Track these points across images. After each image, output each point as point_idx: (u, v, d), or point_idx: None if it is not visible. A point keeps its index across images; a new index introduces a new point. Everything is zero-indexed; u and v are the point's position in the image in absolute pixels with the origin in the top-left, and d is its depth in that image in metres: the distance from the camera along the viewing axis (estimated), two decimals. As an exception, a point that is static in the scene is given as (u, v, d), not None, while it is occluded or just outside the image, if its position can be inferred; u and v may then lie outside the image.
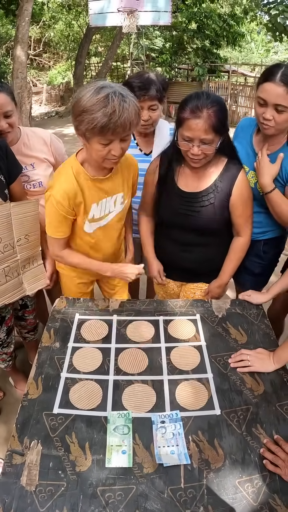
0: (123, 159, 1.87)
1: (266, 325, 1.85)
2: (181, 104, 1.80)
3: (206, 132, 1.74)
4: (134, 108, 1.53)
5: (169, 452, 1.32)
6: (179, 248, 2.11)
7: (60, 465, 1.28)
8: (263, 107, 1.86)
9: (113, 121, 1.47)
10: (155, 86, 2.10)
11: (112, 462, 1.30)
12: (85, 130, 1.54)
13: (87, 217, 1.87)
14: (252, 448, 1.34)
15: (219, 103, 1.76)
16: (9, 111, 2.01)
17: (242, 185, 1.94)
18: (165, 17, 11.59)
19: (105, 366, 1.64)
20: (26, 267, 2.11)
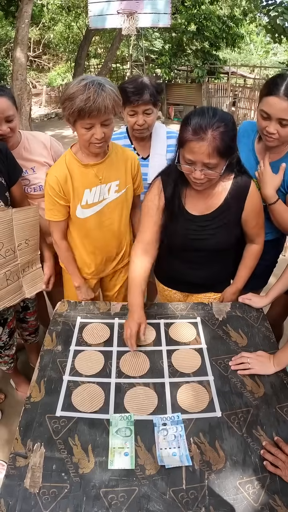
0: (120, 151, 2.05)
1: (266, 328, 1.86)
2: (183, 122, 1.65)
3: (210, 156, 1.59)
4: (110, 95, 1.70)
5: (170, 454, 1.33)
6: (188, 266, 2.04)
7: (63, 467, 1.30)
8: (266, 120, 1.82)
9: (88, 105, 1.66)
10: (148, 91, 2.11)
11: (115, 464, 1.31)
12: (68, 115, 1.75)
13: (80, 203, 2.00)
14: (252, 450, 1.35)
15: (226, 122, 1.59)
16: (11, 116, 2.03)
17: (254, 198, 1.86)
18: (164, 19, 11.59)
19: (107, 369, 1.66)
20: (26, 270, 2.14)
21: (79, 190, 1.97)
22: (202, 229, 1.88)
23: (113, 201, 2.06)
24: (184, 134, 1.61)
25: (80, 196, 1.98)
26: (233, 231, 1.92)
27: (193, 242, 1.91)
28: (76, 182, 1.96)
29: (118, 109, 1.79)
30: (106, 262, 2.27)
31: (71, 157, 1.96)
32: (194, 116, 1.61)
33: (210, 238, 1.89)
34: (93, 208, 2.03)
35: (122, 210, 2.13)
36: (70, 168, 1.94)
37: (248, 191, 1.84)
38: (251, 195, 1.84)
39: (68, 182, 1.94)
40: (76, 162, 1.95)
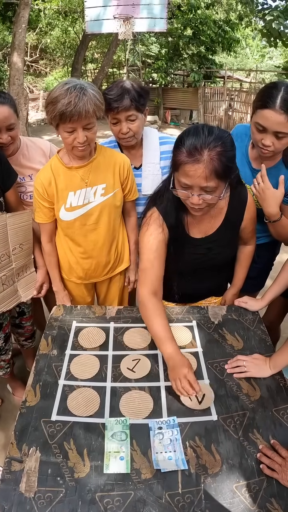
0: (108, 154, 2.04)
1: (262, 331, 1.86)
2: (176, 143, 1.52)
3: (208, 179, 1.46)
4: (92, 99, 1.73)
5: (166, 458, 1.33)
6: (195, 282, 1.99)
7: (59, 472, 1.29)
8: (262, 133, 1.78)
9: (69, 110, 1.69)
10: (129, 95, 1.99)
11: (110, 468, 1.30)
12: (50, 118, 1.79)
13: (65, 205, 2.01)
14: (249, 453, 1.35)
15: (224, 140, 1.47)
16: (12, 124, 2.04)
17: (251, 208, 1.83)
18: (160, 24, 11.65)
19: (102, 373, 1.65)
20: (20, 274, 2.17)
21: (64, 193, 2.00)
22: (208, 251, 1.84)
23: (99, 205, 2.04)
24: (178, 156, 1.48)
25: (64, 198, 2.00)
26: (236, 242, 1.94)
27: (201, 264, 1.88)
28: (60, 184, 1.98)
29: (100, 113, 1.81)
30: (96, 267, 2.23)
31: (57, 161, 1.99)
32: (187, 136, 1.48)
33: (216, 257, 1.87)
34: (77, 211, 2.03)
35: (109, 214, 2.09)
36: (54, 171, 1.98)
37: (247, 202, 1.80)
38: (249, 206, 1.82)
39: (52, 185, 1.98)
40: (61, 165, 1.98)
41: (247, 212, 1.82)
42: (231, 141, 1.52)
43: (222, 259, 1.91)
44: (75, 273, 2.26)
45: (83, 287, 2.36)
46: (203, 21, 15.60)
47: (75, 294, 2.38)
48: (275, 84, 1.74)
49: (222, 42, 16.67)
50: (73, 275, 2.27)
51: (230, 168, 1.51)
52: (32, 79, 24.66)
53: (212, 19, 16.06)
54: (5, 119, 1.99)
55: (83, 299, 2.43)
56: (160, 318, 1.67)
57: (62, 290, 2.29)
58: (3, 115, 1.97)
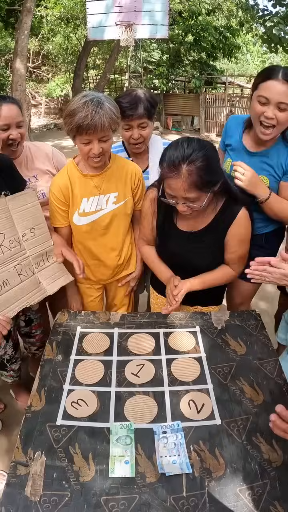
0: (121, 164, 2.11)
1: (264, 336, 1.87)
2: (161, 157, 1.64)
3: (188, 191, 1.59)
4: (108, 113, 1.78)
5: (171, 462, 1.34)
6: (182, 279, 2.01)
7: (64, 476, 1.30)
8: (264, 105, 1.82)
9: (85, 123, 1.75)
10: (142, 104, 2.12)
11: (115, 472, 1.31)
12: (68, 130, 1.86)
13: (78, 210, 2.09)
14: (252, 457, 1.35)
15: (203, 153, 1.54)
16: (21, 122, 2.13)
17: (240, 226, 1.84)
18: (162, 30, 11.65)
19: (107, 378, 1.67)
20: (40, 264, 2.03)
21: (78, 199, 2.07)
22: (191, 246, 1.93)
23: (111, 212, 2.12)
24: (162, 170, 1.63)
25: (78, 204, 2.08)
26: (216, 253, 1.94)
27: (182, 258, 1.96)
28: (75, 190, 2.06)
29: (115, 126, 1.87)
30: (104, 271, 2.31)
31: (73, 167, 2.07)
32: (168, 150, 1.60)
33: (194, 257, 1.93)
34: (89, 217, 2.10)
35: (120, 221, 2.18)
36: (71, 177, 2.05)
37: (235, 218, 1.82)
38: (237, 221, 1.83)
39: (68, 189, 2.06)
40: (76, 171, 2.06)
41: (233, 226, 1.84)
42: (212, 152, 1.61)
43: (201, 260, 1.95)
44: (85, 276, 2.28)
45: (93, 291, 2.42)
46: (204, 28, 15.65)
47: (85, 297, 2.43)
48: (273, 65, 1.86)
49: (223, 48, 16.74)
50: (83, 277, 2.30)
51: (210, 180, 1.61)
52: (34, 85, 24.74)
53: (213, 25, 16.12)
54: (15, 115, 2.09)
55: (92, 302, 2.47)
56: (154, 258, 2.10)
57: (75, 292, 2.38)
58: (13, 111, 2.08)
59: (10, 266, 1.89)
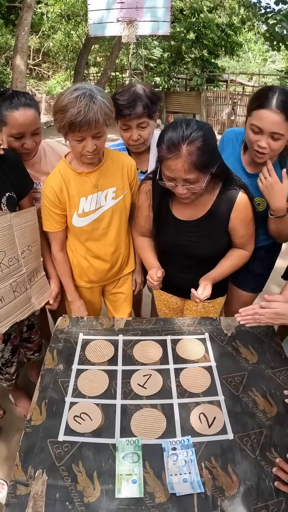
0: (115, 157, 2.01)
1: (276, 343, 1.79)
2: (159, 138, 1.60)
3: (188, 172, 1.56)
4: (102, 108, 1.67)
5: (181, 480, 1.26)
6: (179, 270, 2.02)
7: (67, 496, 1.23)
8: (257, 134, 1.75)
9: (78, 120, 1.64)
10: (141, 102, 1.96)
11: (122, 492, 1.24)
12: (59, 127, 1.74)
13: (77, 211, 1.97)
14: (266, 473, 1.28)
15: (202, 133, 1.53)
16: (38, 129, 1.97)
17: (242, 209, 1.81)
18: (164, 27, 11.60)
19: (112, 389, 1.58)
20: (32, 280, 2.06)
21: (75, 199, 1.95)
22: (188, 234, 1.87)
23: (111, 208, 2.02)
24: (160, 152, 1.58)
25: (76, 205, 1.97)
26: (219, 240, 1.90)
27: (180, 248, 1.92)
28: (71, 190, 1.94)
29: (110, 121, 1.77)
30: (108, 271, 2.22)
31: (66, 166, 1.94)
32: (167, 132, 1.55)
33: (194, 246, 1.88)
34: (90, 216, 2.00)
35: (120, 216, 2.08)
36: (65, 177, 1.93)
37: (235, 203, 1.79)
38: (237, 206, 1.79)
39: (63, 191, 1.93)
40: (70, 170, 1.93)
41: (234, 212, 1.80)
42: (210, 133, 1.58)
43: (200, 250, 1.90)
44: (86, 277, 2.22)
45: (94, 291, 2.33)
46: (206, 25, 15.63)
47: (85, 299, 2.32)
48: (270, 87, 1.75)
49: (224, 45, 16.73)
50: (84, 279, 2.23)
51: (210, 160, 1.59)
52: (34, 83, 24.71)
53: (215, 23, 16.10)
54: (31, 123, 1.92)
55: (94, 304, 2.40)
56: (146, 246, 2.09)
57: (78, 299, 2.24)
58: (30, 119, 1.90)
59: (7, 284, 1.88)
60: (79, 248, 2.12)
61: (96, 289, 2.33)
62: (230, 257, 1.97)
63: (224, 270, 1.97)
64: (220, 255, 1.96)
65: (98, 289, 2.35)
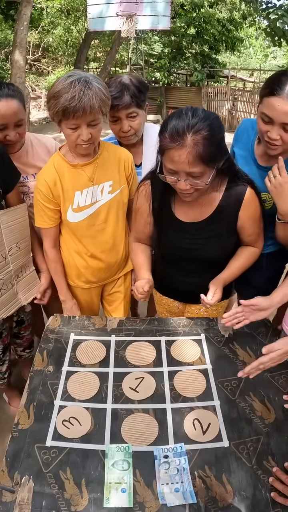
0: (112, 150, 1.95)
1: (275, 345, 1.73)
2: (161, 127, 1.49)
3: (192, 165, 1.43)
4: (97, 93, 1.61)
5: (173, 490, 1.21)
6: (181, 274, 1.94)
7: (54, 504, 1.18)
8: (268, 124, 1.61)
9: (72, 105, 1.58)
10: (128, 92, 1.90)
11: (111, 502, 1.18)
12: (53, 114, 1.68)
13: (72, 206, 1.91)
14: (263, 483, 1.23)
15: (209, 123, 1.41)
16: (21, 120, 1.91)
17: (250, 206, 1.70)
18: (164, 22, 11.54)
19: (102, 393, 1.52)
20: (19, 276, 2.02)
21: (70, 193, 1.89)
22: (194, 237, 1.77)
23: (107, 203, 1.95)
24: (162, 141, 1.46)
25: (71, 199, 1.90)
26: (227, 241, 1.80)
27: (184, 252, 1.81)
28: (66, 184, 1.87)
29: (105, 108, 1.71)
30: (106, 270, 2.15)
31: (60, 159, 1.88)
32: (171, 120, 1.44)
33: (200, 248, 1.78)
34: (86, 211, 1.93)
35: (117, 212, 2.01)
36: (59, 171, 1.86)
37: (243, 200, 1.69)
38: (246, 203, 1.69)
39: (57, 185, 1.86)
40: (65, 163, 1.87)
41: (243, 210, 1.70)
42: (218, 124, 1.46)
43: (206, 252, 1.80)
44: (84, 278, 2.15)
45: (92, 291, 2.26)
46: (207, 20, 15.61)
47: (82, 300, 2.27)
48: (284, 71, 1.58)
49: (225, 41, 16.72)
50: (81, 280, 2.16)
51: (217, 153, 1.46)
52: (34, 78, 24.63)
53: (215, 18, 16.07)
54: (14, 114, 1.86)
55: (92, 305, 2.33)
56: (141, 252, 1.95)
57: (71, 299, 2.17)
58: (12, 110, 1.84)
59: None
60: (75, 245, 2.05)
61: (95, 290, 2.27)
62: (240, 257, 1.87)
63: (234, 271, 1.86)
64: (227, 256, 1.87)
65: (97, 289, 2.28)
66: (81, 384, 1.55)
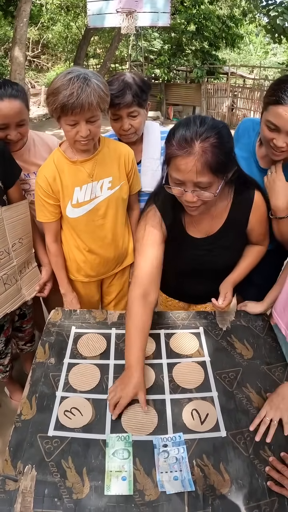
0: (112, 146, 1.96)
1: (272, 339, 1.76)
2: (168, 135, 1.42)
3: (200, 174, 1.36)
4: (96, 90, 1.62)
5: (172, 478, 1.24)
6: (194, 282, 1.91)
7: (56, 492, 1.20)
8: (273, 132, 1.58)
9: (70, 102, 1.59)
10: (130, 91, 1.89)
11: (112, 490, 1.21)
12: (51, 110, 1.69)
13: (71, 201, 1.92)
14: (259, 472, 1.25)
15: (217, 131, 1.35)
16: (23, 120, 1.93)
17: (259, 209, 1.70)
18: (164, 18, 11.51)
19: (103, 384, 1.55)
20: (23, 271, 2.05)
21: (69, 189, 1.90)
22: (209, 252, 1.75)
23: (107, 199, 1.97)
24: (169, 149, 1.39)
25: (70, 195, 1.91)
26: (240, 247, 1.83)
27: (199, 266, 1.80)
28: (65, 180, 1.89)
29: (104, 105, 1.71)
30: (104, 264, 2.17)
31: (60, 155, 1.89)
32: (179, 128, 1.38)
33: (216, 261, 1.78)
34: (85, 207, 1.94)
35: (117, 208, 2.03)
36: (58, 166, 1.88)
37: (252, 205, 1.68)
38: (255, 208, 1.69)
39: (56, 180, 1.88)
40: (65, 159, 1.88)
41: (253, 214, 1.70)
42: (227, 132, 1.41)
43: (223, 263, 1.82)
44: (83, 272, 2.18)
45: (92, 285, 2.29)
46: (207, 17, 15.51)
47: (83, 293, 2.30)
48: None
49: (225, 38, 16.64)
50: (81, 274, 2.19)
51: (226, 162, 1.40)
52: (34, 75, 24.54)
53: (215, 15, 15.99)
54: (16, 115, 1.87)
55: (91, 298, 2.36)
56: (143, 324, 1.57)
57: (71, 292, 2.20)
58: (14, 110, 1.85)
59: None
60: (74, 240, 2.07)
61: (94, 283, 2.29)
62: (248, 256, 1.88)
63: (243, 271, 1.87)
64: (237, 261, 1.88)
65: (96, 283, 2.31)
66: (82, 376, 1.58)
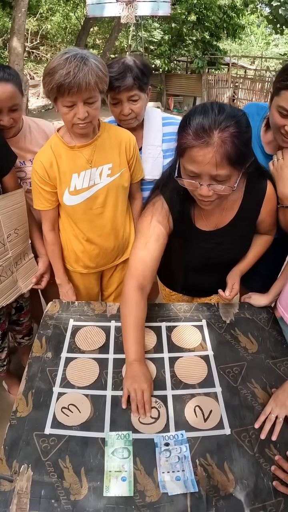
0: (113, 131, 1.89)
1: (277, 332, 1.71)
2: (182, 123, 1.32)
3: (219, 166, 1.26)
4: (93, 69, 1.56)
5: (174, 478, 1.19)
6: (200, 275, 1.86)
7: (53, 493, 1.15)
8: (286, 118, 1.52)
9: (67, 81, 1.53)
10: (131, 74, 1.82)
11: (111, 491, 1.16)
12: (48, 91, 1.62)
13: (68, 188, 1.86)
14: (265, 472, 1.21)
15: (237, 119, 1.26)
16: (16, 105, 1.86)
17: (271, 201, 1.63)
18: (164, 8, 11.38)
19: (102, 379, 1.50)
20: (19, 263, 2.00)
21: (67, 175, 1.84)
22: (218, 245, 1.69)
23: (106, 186, 1.90)
24: (183, 139, 1.28)
25: (68, 181, 1.85)
26: (249, 238, 1.77)
27: (209, 260, 1.74)
28: (62, 166, 1.82)
29: (102, 86, 1.64)
30: (104, 255, 2.11)
31: (58, 140, 1.83)
32: (194, 115, 1.27)
33: (226, 254, 1.73)
34: (83, 194, 1.88)
35: (117, 196, 1.96)
36: (56, 152, 1.82)
37: (264, 196, 1.61)
38: (267, 199, 1.63)
39: (53, 167, 1.81)
40: (62, 145, 1.82)
41: (265, 205, 1.64)
42: (246, 121, 1.31)
43: (232, 256, 1.77)
44: (81, 263, 2.12)
45: (91, 276, 2.23)
46: (208, 7, 15.40)
47: (82, 285, 2.25)
48: None
49: (227, 28, 16.57)
50: (80, 264, 2.14)
51: (245, 153, 1.31)
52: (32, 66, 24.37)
53: (216, 5, 15.88)
54: (8, 99, 1.81)
55: (91, 290, 2.30)
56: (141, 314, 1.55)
57: (67, 283, 2.15)
58: (6, 94, 1.79)
59: None
60: (72, 229, 2.01)
61: (93, 275, 2.24)
62: (256, 246, 1.83)
63: (250, 261, 1.84)
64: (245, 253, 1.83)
65: (95, 275, 2.25)
66: (81, 371, 1.52)
